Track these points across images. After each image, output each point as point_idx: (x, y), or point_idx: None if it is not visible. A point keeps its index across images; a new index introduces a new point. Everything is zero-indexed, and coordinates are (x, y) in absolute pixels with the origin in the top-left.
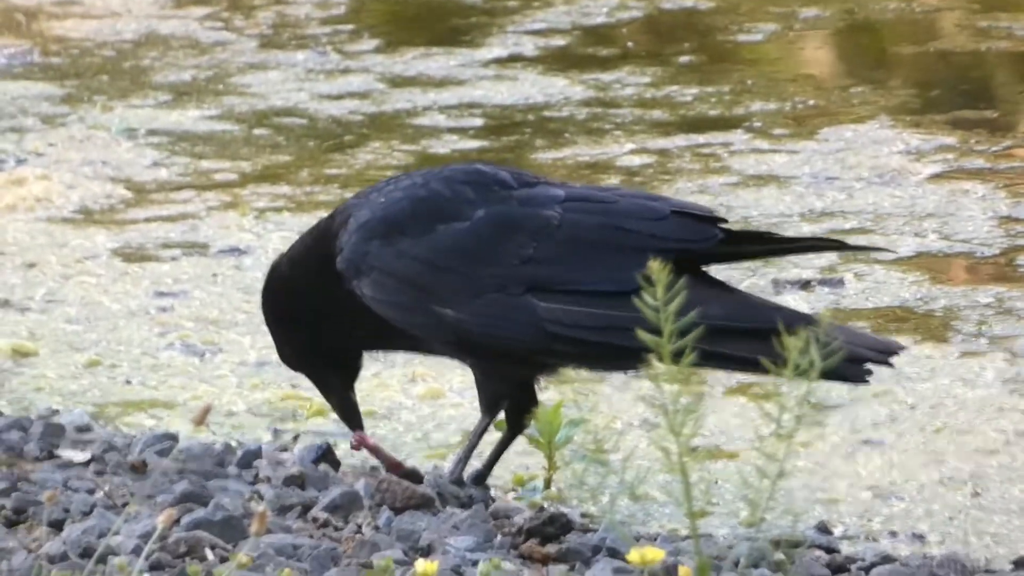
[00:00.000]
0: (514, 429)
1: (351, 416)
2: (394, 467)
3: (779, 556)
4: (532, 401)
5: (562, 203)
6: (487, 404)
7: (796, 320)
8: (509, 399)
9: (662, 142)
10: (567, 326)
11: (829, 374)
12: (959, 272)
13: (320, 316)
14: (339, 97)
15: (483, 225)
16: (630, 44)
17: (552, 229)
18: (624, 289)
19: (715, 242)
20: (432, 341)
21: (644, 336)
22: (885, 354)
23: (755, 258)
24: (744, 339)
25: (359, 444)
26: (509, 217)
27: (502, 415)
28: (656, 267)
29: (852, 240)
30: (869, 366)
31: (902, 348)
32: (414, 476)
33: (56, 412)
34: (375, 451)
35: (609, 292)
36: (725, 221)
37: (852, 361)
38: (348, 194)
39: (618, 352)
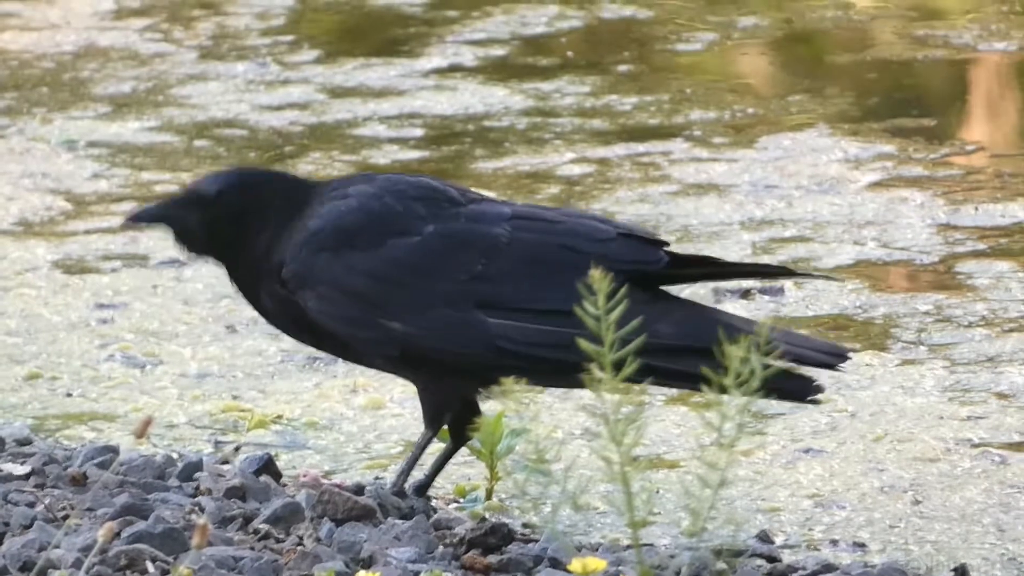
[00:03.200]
0: (457, 441)
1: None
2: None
3: (721, 565)
4: (475, 412)
5: (509, 221)
6: (430, 418)
7: (746, 335)
8: (453, 412)
9: (602, 151)
10: (517, 342)
11: (777, 391)
12: (898, 280)
13: (238, 254)
14: (279, 108)
15: (433, 241)
16: (569, 54)
17: (501, 247)
18: (571, 308)
19: (662, 265)
20: (374, 355)
21: (585, 345)
22: (834, 357)
23: (698, 280)
24: (692, 356)
25: (309, 482)
26: (459, 234)
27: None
28: (597, 276)
29: (792, 247)
30: (819, 383)
31: (851, 350)
32: (356, 491)
33: None
34: (316, 484)
35: (557, 311)
36: (668, 244)
37: (799, 377)
38: None
39: (568, 368)
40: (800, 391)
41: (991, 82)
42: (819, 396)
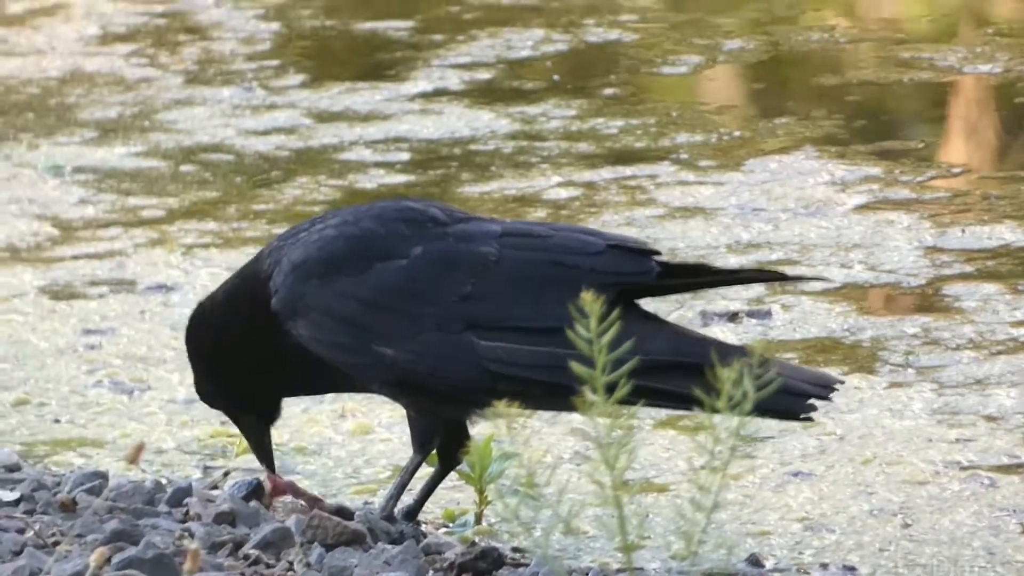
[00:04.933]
0: (447, 465)
1: (265, 458)
2: (314, 502)
3: None
4: (464, 436)
5: (498, 239)
6: (420, 442)
7: (735, 355)
8: (442, 436)
9: (588, 175)
10: (508, 364)
11: (770, 410)
12: (885, 303)
13: (246, 359)
14: (265, 133)
15: (421, 263)
16: (555, 77)
17: (490, 266)
18: (564, 325)
19: (653, 276)
20: (369, 381)
21: (578, 368)
22: (823, 388)
23: (690, 290)
24: (683, 375)
25: (272, 488)
26: (447, 254)
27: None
28: (588, 298)
29: (779, 270)
30: (812, 401)
31: (840, 382)
32: (340, 512)
33: None
34: (291, 490)
35: (549, 328)
36: (659, 254)
37: (792, 395)
38: (276, 230)
39: (559, 390)
40: (793, 409)
41: (976, 104)
42: (812, 415)
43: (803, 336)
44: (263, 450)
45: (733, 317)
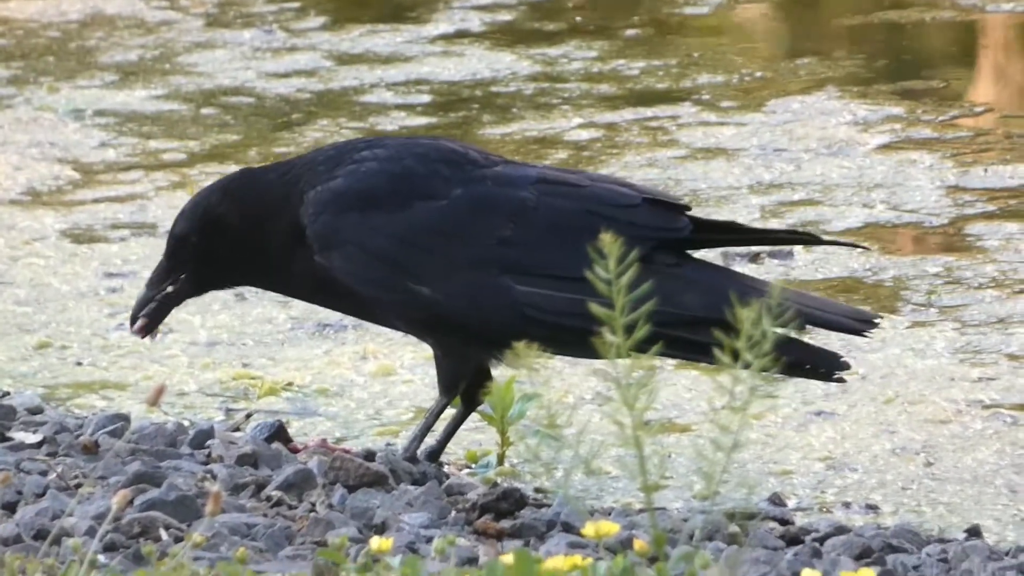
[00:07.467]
0: (468, 405)
1: (157, 316)
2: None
3: (733, 528)
4: (486, 377)
5: (535, 184)
6: (446, 384)
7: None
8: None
9: (610, 116)
10: (544, 311)
11: (802, 369)
12: (907, 242)
13: (251, 256)
14: (286, 75)
15: (461, 204)
16: (577, 18)
17: (528, 211)
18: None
19: (686, 232)
20: (395, 317)
21: (597, 309)
22: (863, 323)
23: (722, 246)
24: (712, 329)
25: (318, 448)
26: (486, 197)
27: None
28: (608, 239)
29: (801, 211)
30: (845, 359)
31: (878, 317)
32: (366, 456)
33: (7, 394)
34: (325, 448)
35: (584, 278)
36: (690, 209)
37: (828, 328)
38: None
39: (590, 337)
40: (826, 367)
41: (999, 43)
42: (844, 374)
43: (825, 276)
44: (163, 311)
45: (755, 258)
